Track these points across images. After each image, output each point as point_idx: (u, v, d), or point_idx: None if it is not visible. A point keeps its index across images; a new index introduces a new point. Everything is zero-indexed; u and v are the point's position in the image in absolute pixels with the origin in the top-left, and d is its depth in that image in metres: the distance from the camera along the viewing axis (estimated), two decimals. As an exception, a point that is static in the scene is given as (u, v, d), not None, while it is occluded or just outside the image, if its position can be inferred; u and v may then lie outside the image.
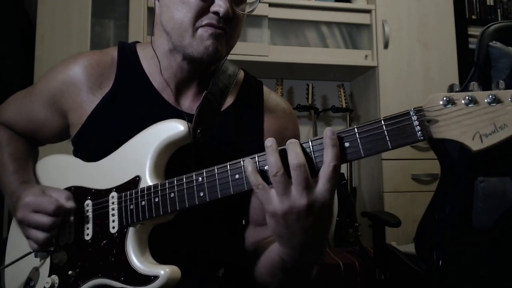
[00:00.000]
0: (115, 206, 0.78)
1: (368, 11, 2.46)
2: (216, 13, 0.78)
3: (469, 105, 0.55)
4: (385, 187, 2.31)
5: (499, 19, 2.77)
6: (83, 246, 0.80)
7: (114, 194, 0.80)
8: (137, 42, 0.97)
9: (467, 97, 0.55)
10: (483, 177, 1.46)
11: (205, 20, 0.79)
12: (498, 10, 2.80)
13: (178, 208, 0.72)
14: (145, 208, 0.75)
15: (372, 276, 1.76)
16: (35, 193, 0.81)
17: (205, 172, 0.70)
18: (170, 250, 0.81)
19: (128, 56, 0.91)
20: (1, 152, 0.95)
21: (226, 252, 0.90)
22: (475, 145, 0.55)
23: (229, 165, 0.67)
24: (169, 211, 0.73)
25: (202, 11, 0.78)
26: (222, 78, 0.90)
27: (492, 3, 2.79)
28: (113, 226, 0.78)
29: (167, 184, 0.74)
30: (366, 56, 2.45)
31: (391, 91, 2.40)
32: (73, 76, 0.88)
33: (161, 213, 0.74)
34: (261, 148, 0.77)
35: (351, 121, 2.54)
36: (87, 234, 0.81)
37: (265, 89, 0.97)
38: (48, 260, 0.84)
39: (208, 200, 0.69)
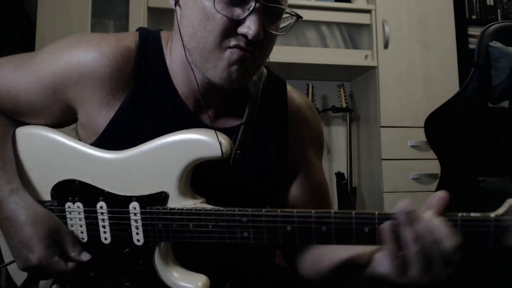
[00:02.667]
0: (139, 219, 0.71)
1: (368, 11, 2.46)
2: (244, 35, 0.67)
3: None
4: (385, 187, 2.31)
5: (499, 19, 2.77)
6: (101, 248, 0.75)
7: (135, 205, 0.71)
8: (160, 30, 0.82)
9: None
10: (483, 177, 1.46)
11: (232, 41, 0.68)
12: (498, 10, 2.79)
13: (216, 241, 0.67)
14: (177, 233, 0.70)
15: (372, 276, 1.75)
16: (45, 253, 0.68)
17: (251, 213, 0.65)
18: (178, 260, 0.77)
19: (151, 50, 0.77)
20: None
21: (233, 266, 0.85)
22: None
23: (279, 213, 0.64)
24: (206, 241, 0.68)
25: (229, 30, 0.67)
26: (253, 92, 0.82)
27: (492, 3, 2.78)
28: (138, 239, 0.72)
29: (203, 212, 0.68)
30: (366, 56, 2.45)
31: (391, 91, 2.40)
32: (96, 68, 0.72)
33: (195, 241, 0.69)
34: (285, 154, 0.80)
35: (351, 121, 2.53)
36: (105, 238, 0.74)
37: (288, 88, 0.89)
38: None
39: (252, 242, 0.65)
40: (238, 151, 0.75)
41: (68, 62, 0.74)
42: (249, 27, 0.66)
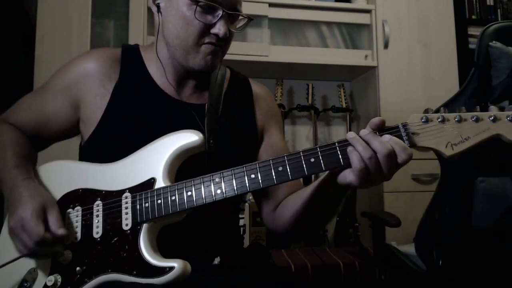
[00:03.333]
0: (129, 205, 0.83)
1: (368, 11, 2.46)
2: (216, 34, 0.90)
3: (442, 123, 0.74)
4: (385, 187, 2.31)
5: (499, 19, 2.77)
6: (91, 244, 0.83)
7: (127, 194, 0.84)
8: (138, 44, 1.07)
9: (440, 117, 0.75)
10: (483, 177, 1.46)
11: (206, 39, 0.91)
12: (498, 10, 2.80)
13: (195, 205, 0.79)
14: (161, 206, 0.80)
15: (372, 276, 1.76)
16: (33, 211, 0.81)
17: (223, 172, 0.79)
18: (167, 238, 0.83)
19: (131, 55, 1.01)
20: (6, 150, 0.95)
21: (222, 241, 0.95)
22: (448, 152, 0.73)
23: (245, 167, 0.78)
24: (186, 207, 0.79)
25: (204, 31, 0.91)
26: (215, 84, 1.02)
27: (492, 3, 2.79)
28: (127, 223, 0.82)
29: (184, 183, 0.81)
30: (366, 56, 2.45)
31: (391, 91, 2.40)
32: (87, 67, 0.96)
33: (178, 210, 0.79)
34: (255, 137, 1.04)
35: (351, 121, 2.53)
36: (97, 232, 0.83)
37: (250, 81, 1.11)
38: (49, 259, 0.84)
39: (225, 196, 0.78)
40: (211, 141, 0.92)
41: (70, 70, 0.99)
42: (219, 29, 0.90)
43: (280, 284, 0.93)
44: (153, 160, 0.85)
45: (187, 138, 0.84)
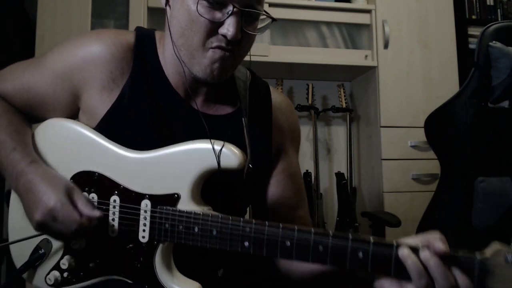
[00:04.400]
0: (148, 217, 0.76)
1: (368, 11, 2.46)
2: (224, 35, 0.75)
3: None
4: (385, 187, 2.31)
5: (499, 19, 2.77)
6: (105, 241, 0.78)
7: (147, 202, 0.76)
8: (155, 30, 0.92)
9: None
10: (483, 177, 1.46)
11: (214, 42, 0.77)
12: (498, 10, 2.79)
13: (218, 247, 0.71)
14: (182, 234, 0.73)
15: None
16: (60, 199, 0.73)
17: (254, 225, 0.69)
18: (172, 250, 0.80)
19: (146, 45, 0.87)
20: None
21: (226, 253, 0.90)
22: None
23: (281, 228, 0.67)
24: (208, 246, 0.72)
25: (212, 31, 0.76)
26: (242, 96, 0.89)
27: (492, 3, 2.78)
28: (143, 236, 0.76)
29: (210, 218, 0.72)
30: (366, 56, 2.45)
31: (391, 91, 2.40)
32: (96, 54, 0.82)
33: (198, 245, 0.72)
34: (268, 155, 0.90)
35: (351, 121, 2.53)
36: (112, 232, 0.77)
37: (271, 87, 0.99)
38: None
39: (251, 253, 0.69)
40: (250, 165, 0.80)
41: (73, 52, 0.84)
42: (228, 28, 0.74)
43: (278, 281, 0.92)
44: (181, 171, 0.75)
45: (228, 158, 0.74)
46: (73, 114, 0.87)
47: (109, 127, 0.82)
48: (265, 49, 2.33)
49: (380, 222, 1.70)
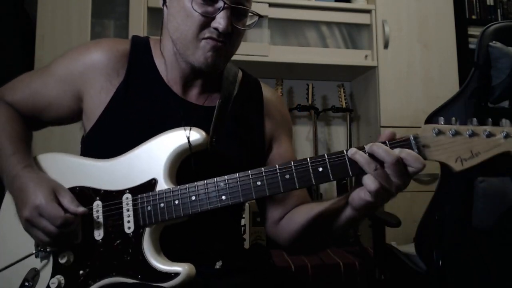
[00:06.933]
0: (130, 207, 0.81)
1: (368, 11, 2.46)
2: (216, 28, 0.84)
3: (454, 136, 0.72)
4: (385, 187, 2.31)
5: (499, 19, 2.77)
6: (93, 246, 0.81)
7: (128, 195, 0.82)
8: (149, 37, 1.02)
9: (452, 130, 0.72)
10: (483, 177, 1.46)
11: (206, 33, 0.85)
12: (498, 10, 2.79)
13: (200, 210, 0.77)
14: (164, 210, 0.79)
15: (372, 276, 1.75)
16: (46, 196, 0.80)
17: (227, 178, 0.77)
18: (169, 240, 0.83)
19: (141, 49, 0.96)
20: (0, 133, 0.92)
21: (224, 245, 0.94)
22: (457, 167, 0.73)
23: (251, 174, 0.76)
24: (190, 212, 0.78)
25: (205, 25, 0.85)
26: (227, 85, 0.97)
27: (492, 3, 2.78)
28: (129, 226, 0.80)
29: (187, 187, 0.79)
30: (366, 56, 2.45)
31: (391, 91, 2.40)
32: (95, 59, 0.92)
33: (182, 215, 0.78)
34: (262, 143, 0.99)
35: (351, 121, 2.53)
36: (98, 235, 0.82)
37: (262, 85, 1.06)
38: (51, 260, 0.83)
39: (230, 203, 0.76)
40: (214, 139, 0.88)
41: (75, 58, 0.94)
42: (219, 22, 0.84)
43: (280, 286, 0.93)
44: (153, 159, 0.82)
45: (195, 136, 0.82)
46: (76, 115, 0.96)
47: (106, 123, 0.90)
48: (265, 49, 2.33)
49: (380, 222, 1.70)
